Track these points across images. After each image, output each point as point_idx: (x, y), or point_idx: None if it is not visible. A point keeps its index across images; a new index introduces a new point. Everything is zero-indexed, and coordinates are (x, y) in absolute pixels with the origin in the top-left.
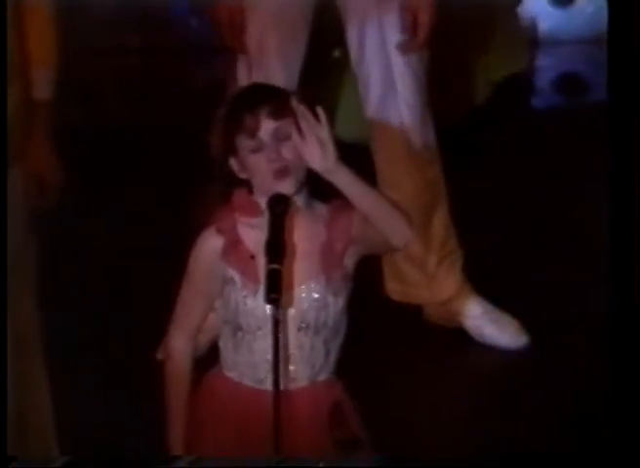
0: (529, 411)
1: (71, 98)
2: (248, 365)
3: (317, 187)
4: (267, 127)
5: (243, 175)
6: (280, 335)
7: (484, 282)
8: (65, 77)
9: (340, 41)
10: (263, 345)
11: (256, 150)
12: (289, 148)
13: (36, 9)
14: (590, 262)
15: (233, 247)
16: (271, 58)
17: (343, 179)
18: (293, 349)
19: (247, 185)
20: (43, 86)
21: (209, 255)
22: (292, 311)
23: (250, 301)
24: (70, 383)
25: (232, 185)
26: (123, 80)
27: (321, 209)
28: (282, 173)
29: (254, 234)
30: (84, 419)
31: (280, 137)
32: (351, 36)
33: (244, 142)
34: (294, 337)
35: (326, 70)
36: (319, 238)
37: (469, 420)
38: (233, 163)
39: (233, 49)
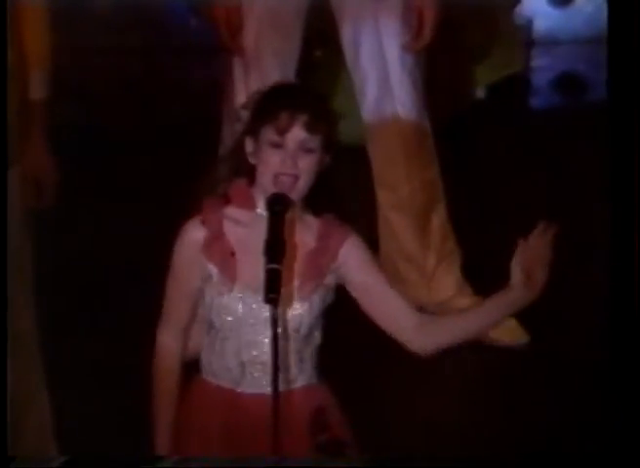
0: (529, 411)
1: (70, 98)
2: (222, 366)
3: (310, 199)
4: (298, 134)
5: (252, 160)
6: (253, 344)
7: (483, 282)
8: (65, 77)
9: (325, 41)
10: (235, 346)
11: (275, 146)
12: (307, 159)
13: (31, 9)
14: (590, 262)
15: (215, 240)
16: (267, 58)
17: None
18: (265, 354)
19: (248, 175)
20: (39, 86)
21: (191, 247)
22: (265, 315)
23: (224, 299)
24: (68, 383)
25: (236, 168)
26: (122, 80)
27: (311, 220)
28: (286, 182)
29: (238, 231)
30: (82, 419)
31: (304, 148)
32: (346, 37)
33: (268, 134)
34: (266, 342)
35: (315, 70)
36: (305, 247)
37: (469, 420)
38: (248, 143)
39: (230, 49)
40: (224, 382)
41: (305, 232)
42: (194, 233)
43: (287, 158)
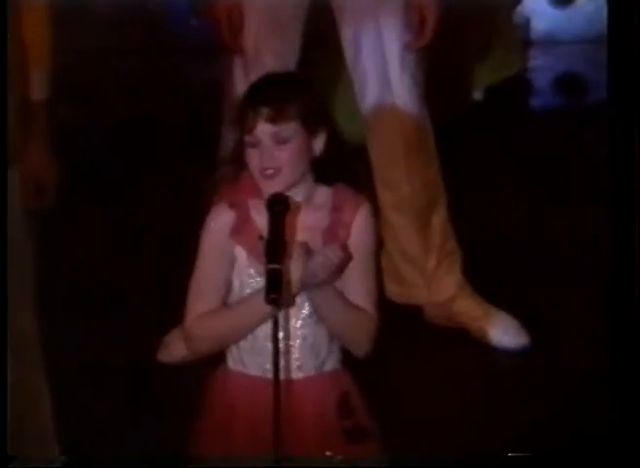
0: (529, 411)
1: (71, 99)
2: (252, 351)
3: (321, 172)
4: (264, 129)
5: (246, 159)
6: (281, 326)
7: (484, 282)
8: (65, 77)
9: (325, 41)
10: (267, 330)
11: (252, 146)
12: (285, 150)
13: (33, 9)
14: (590, 262)
15: (243, 224)
16: (267, 58)
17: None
18: (296, 338)
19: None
20: (40, 87)
21: (220, 231)
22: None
23: (254, 282)
24: (69, 383)
25: (241, 165)
26: (123, 80)
27: (323, 194)
28: (270, 175)
29: (262, 215)
30: (83, 419)
31: (277, 140)
32: (346, 37)
33: (244, 136)
34: (296, 326)
35: (315, 70)
36: (321, 225)
37: (469, 420)
38: (241, 144)
39: (230, 49)
40: (252, 369)
41: (317, 211)
42: (223, 217)
43: (263, 154)
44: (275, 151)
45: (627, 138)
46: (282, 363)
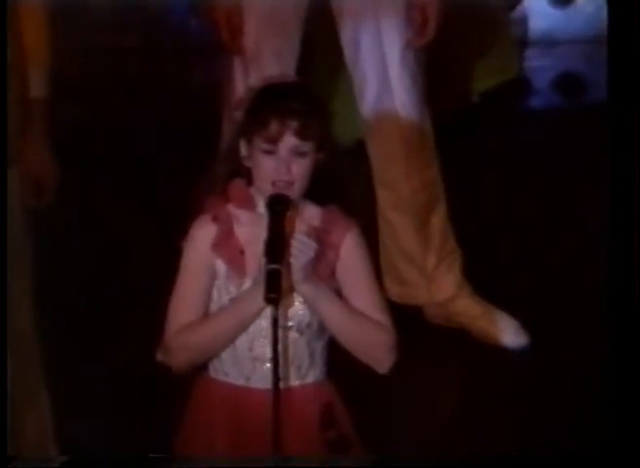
0: (529, 411)
1: (70, 98)
2: (233, 361)
3: (311, 189)
4: (289, 141)
5: (247, 163)
6: (262, 338)
7: (483, 282)
8: (65, 77)
9: (324, 40)
10: (246, 340)
11: (268, 153)
12: (300, 164)
13: (31, 8)
14: (590, 262)
15: (225, 238)
16: (267, 57)
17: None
18: (278, 349)
19: (246, 176)
20: (39, 84)
21: (203, 243)
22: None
23: (233, 296)
24: (69, 383)
25: (234, 169)
26: (122, 80)
27: (313, 211)
28: (283, 188)
29: (245, 229)
30: (83, 419)
31: (296, 153)
32: (346, 36)
33: (260, 141)
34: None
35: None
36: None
37: (469, 420)
38: (242, 145)
39: (230, 49)
40: (234, 379)
41: (305, 224)
42: (206, 230)
43: (280, 165)
44: (291, 164)
45: (627, 138)
46: (263, 374)
